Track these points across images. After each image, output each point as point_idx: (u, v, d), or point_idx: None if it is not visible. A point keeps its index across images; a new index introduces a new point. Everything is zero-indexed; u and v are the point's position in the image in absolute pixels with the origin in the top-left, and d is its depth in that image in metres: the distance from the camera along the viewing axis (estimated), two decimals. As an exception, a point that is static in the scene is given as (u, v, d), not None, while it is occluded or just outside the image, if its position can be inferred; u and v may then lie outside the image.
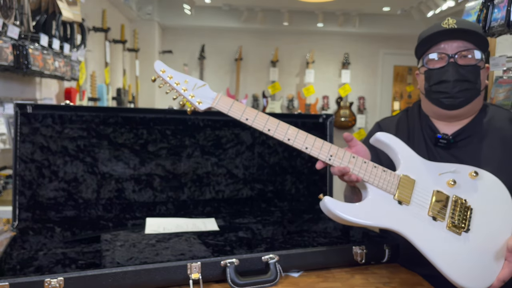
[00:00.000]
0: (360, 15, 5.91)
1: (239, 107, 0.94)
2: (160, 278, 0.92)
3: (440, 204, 0.95)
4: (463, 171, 0.99)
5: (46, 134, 1.24)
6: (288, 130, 0.95)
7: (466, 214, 0.94)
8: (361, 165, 0.95)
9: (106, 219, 1.29)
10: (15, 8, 1.84)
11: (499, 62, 1.56)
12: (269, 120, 0.94)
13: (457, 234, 0.93)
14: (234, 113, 0.94)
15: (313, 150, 0.95)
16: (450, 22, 1.07)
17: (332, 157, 0.95)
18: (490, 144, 1.07)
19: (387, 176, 0.95)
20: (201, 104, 0.94)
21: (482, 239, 0.93)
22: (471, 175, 0.98)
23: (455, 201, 0.95)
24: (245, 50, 6.02)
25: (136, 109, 1.36)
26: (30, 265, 1.01)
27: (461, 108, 1.09)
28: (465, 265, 0.91)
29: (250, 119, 0.94)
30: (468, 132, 1.10)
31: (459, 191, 0.97)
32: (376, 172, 0.95)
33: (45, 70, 2.07)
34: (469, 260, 0.91)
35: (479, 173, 0.99)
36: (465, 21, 1.09)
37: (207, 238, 1.19)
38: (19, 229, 1.16)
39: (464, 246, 0.92)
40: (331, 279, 1.02)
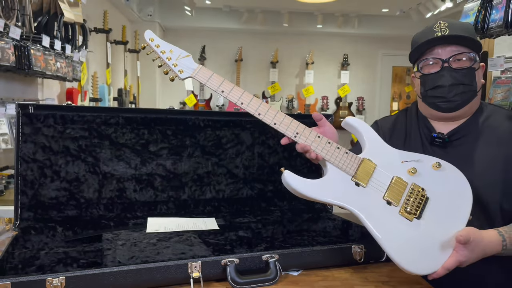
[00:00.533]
0: (359, 16, 5.93)
1: (217, 80, 1.00)
2: (161, 277, 0.93)
3: (397, 190, 0.98)
4: (426, 161, 1.02)
5: (47, 134, 1.25)
6: (260, 105, 1.01)
7: (421, 202, 0.97)
8: (324, 145, 1.00)
9: (107, 218, 1.29)
10: (17, 9, 1.85)
11: (497, 62, 1.57)
12: (244, 94, 1.00)
13: (408, 219, 0.96)
14: (212, 85, 1.00)
15: (281, 126, 1.00)
16: (441, 26, 1.07)
17: (298, 134, 1.00)
18: (485, 144, 1.07)
19: (349, 157, 0.99)
20: (182, 73, 1.01)
21: (432, 227, 0.95)
22: (434, 166, 1.01)
23: (412, 188, 0.98)
24: (245, 51, 6.03)
25: (137, 109, 1.37)
26: (32, 264, 1.02)
27: (459, 110, 1.10)
28: (411, 250, 0.93)
29: (226, 91, 1.00)
30: (463, 132, 1.11)
31: (419, 180, 1.00)
32: (338, 153, 1.00)
33: (46, 71, 2.08)
34: (416, 245, 0.94)
35: (442, 165, 1.01)
36: (456, 24, 1.08)
37: (207, 237, 1.19)
38: (21, 229, 1.17)
39: (412, 231, 0.95)
40: (330, 278, 1.03)
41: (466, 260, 0.91)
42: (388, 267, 1.11)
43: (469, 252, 0.91)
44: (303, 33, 6.21)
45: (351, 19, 5.91)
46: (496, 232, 0.94)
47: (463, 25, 1.09)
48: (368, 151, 1.03)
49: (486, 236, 0.93)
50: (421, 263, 0.92)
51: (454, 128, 1.12)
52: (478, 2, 1.55)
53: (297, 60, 6.30)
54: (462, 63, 1.06)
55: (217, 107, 5.93)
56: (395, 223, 0.96)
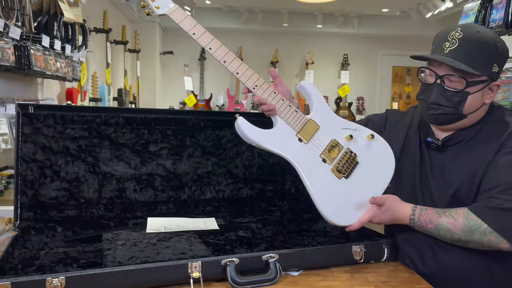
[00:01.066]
0: (359, 16, 5.93)
1: (190, 22, 1.07)
2: (161, 277, 0.93)
3: (333, 151, 1.12)
4: (363, 131, 1.16)
5: (47, 134, 1.25)
6: (227, 53, 1.09)
7: (351, 165, 1.12)
8: (278, 101, 1.10)
9: (107, 218, 1.29)
10: (17, 9, 1.85)
11: (498, 63, 1.57)
12: (213, 40, 1.09)
13: (337, 177, 1.11)
14: (185, 26, 1.07)
15: (242, 76, 1.09)
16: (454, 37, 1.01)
17: (257, 87, 1.10)
18: (474, 155, 1.05)
19: (297, 115, 1.11)
20: (158, 9, 1.07)
21: (357, 187, 1.11)
22: (368, 136, 1.15)
23: (346, 152, 1.13)
24: (245, 51, 6.03)
25: (137, 109, 1.37)
26: (32, 264, 1.02)
27: (443, 126, 1.09)
28: (335, 203, 1.09)
29: (196, 35, 1.07)
30: (458, 139, 1.09)
31: (353, 146, 1.14)
32: (289, 110, 1.11)
33: (46, 71, 2.08)
34: (340, 199, 1.09)
35: (375, 137, 1.15)
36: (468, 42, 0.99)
37: (207, 237, 1.19)
38: (20, 229, 1.17)
39: (339, 188, 1.10)
40: (330, 278, 1.03)
41: (376, 217, 1.09)
42: (388, 267, 1.11)
43: (381, 213, 1.08)
44: (303, 33, 6.21)
45: (351, 19, 5.91)
46: (411, 208, 1.07)
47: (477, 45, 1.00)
48: (315, 114, 1.14)
49: (401, 207, 1.08)
50: (341, 216, 1.09)
51: (450, 134, 1.11)
52: (478, 2, 1.55)
53: (297, 60, 6.30)
54: (455, 84, 1.02)
55: (217, 107, 5.93)
56: (326, 178, 1.10)
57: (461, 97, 1.02)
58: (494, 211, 0.96)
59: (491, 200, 0.98)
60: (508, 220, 0.95)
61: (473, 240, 0.98)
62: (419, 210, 1.06)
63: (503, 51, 1.02)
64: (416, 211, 1.06)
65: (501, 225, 0.95)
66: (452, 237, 1.01)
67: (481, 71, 1.00)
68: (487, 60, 1.00)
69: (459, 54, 1.00)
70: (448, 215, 1.02)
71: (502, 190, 0.97)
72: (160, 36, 5.54)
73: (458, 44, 1.00)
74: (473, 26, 1.05)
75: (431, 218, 1.03)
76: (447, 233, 1.01)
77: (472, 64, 0.99)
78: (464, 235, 0.99)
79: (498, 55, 1.01)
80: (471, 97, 1.02)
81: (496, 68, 1.02)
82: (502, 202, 0.96)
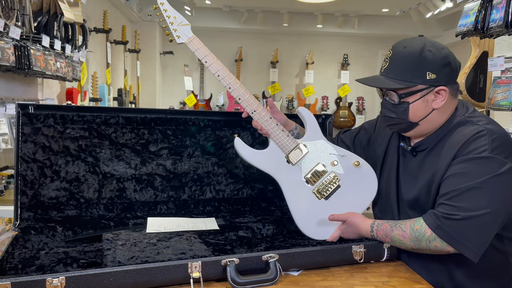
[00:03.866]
0: (359, 16, 5.93)
1: (204, 52, 1.19)
2: (161, 277, 0.93)
3: (318, 174, 1.23)
4: (350, 158, 1.26)
5: (47, 134, 1.25)
6: (233, 80, 1.20)
7: (332, 187, 1.22)
8: (273, 126, 1.22)
9: (107, 218, 1.29)
10: (17, 9, 1.85)
11: (497, 62, 1.57)
12: (222, 68, 1.20)
13: (317, 198, 1.22)
14: (199, 54, 1.19)
15: (243, 102, 1.21)
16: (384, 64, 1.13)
17: (255, 112, 1.21)
18: (434, 163, 1.10)
19: (289, 139, 1.23)
20: (179, 39, 1.20)
21: (334, 208, 1.20)
22: (354, 163, 1.25)
23: (329, 176, 1.23)
24: (245, 51, 6.03)
25: (137, 109, 1.37)
26: (32, 264, 1.02)
27: (407, 133, 1.16)
28: (312, 220, 1.20)
29: (208, 63, 1.19)
30: (425, 145, 1.14)
31: (338, 170, 1.24)
32: (281, 135, 1.22)
33: (46, 71, 2.08)
34: (316, 217, 1.20)
35: (361, 163, 1.25)
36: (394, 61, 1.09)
37: (207, 237, 1.19)
38: (21, 229, 1.17)
39: (318, 207, 1.21)
40: (330, 278, 1.03)
41: (344, 233, 1.18)
42: (389, 267, 1.11)
43: (346, 229, 1.17)
44: (303, 33, 6.21)
45: (351, 19, 5.91)
46: (369, 224, 1.14)
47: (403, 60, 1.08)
48: (307, 138, 1.26)
49: (361, 223, 1.15)
50: (317, 231, 1.20)
51: (419, 141, 1.16)
52: (478, 2, 1.55)
53: (297, 60, 6.30)
54: (393, 97, 1.11)
55: (217, 107, 5.93)
56: (306, 198, 1.21)
57: (403, 107, 1.10)
58: (440, 219, 1.01)
59: (441, 206, 1.02)
60: (451, 229, 0.99)
61: (421, 247, 1.04)
62: (376, 225, 1.13)
63: (434, 58, 1.07)
64: (373, 227, 1.13)
65: (444, 234, 1.00)
66: (406, 246, 1.08)
67: (411, 82, 1.07)
68: (415, 71, 1.07)
69: (390, 71, 1.10)
70: (398, 227, 1.08)
71: (450, 198, 1.02)
72: (160, 36, 5.54)
73: (389, 62, 1.11)
74: (403, 42, 1.12)
75: (386, 232, 1.10)
76: (401, 244, 1.08)
77: (402, 78, 1.08)
78: (413, 244, 1.05)
79: (428, 63, 1.07)
80: (412, 106, 1.09)
81: (432, 75, 1.07)
82: (449, 209, 1.00)
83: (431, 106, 1.09)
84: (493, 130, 1.04)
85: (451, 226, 0.99)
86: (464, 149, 1.04)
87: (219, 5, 5.60)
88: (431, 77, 1.07)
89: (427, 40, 1.11)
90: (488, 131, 1.03)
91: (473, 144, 1.03)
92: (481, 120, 1.08)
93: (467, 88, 2.33)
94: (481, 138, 1.03)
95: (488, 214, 0.98)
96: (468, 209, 0.98)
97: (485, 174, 0.99)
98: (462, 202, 0.99)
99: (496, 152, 1.00)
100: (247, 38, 6.08)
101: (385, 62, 1.13)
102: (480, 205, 0.98)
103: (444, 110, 1.11)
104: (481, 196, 0.98)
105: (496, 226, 1.00)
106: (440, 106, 1.09)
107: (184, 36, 1.19)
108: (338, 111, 6.10)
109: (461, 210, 0.98)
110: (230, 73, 1.20)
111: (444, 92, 1.09)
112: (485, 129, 1.04)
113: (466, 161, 1.02)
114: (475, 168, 1.00)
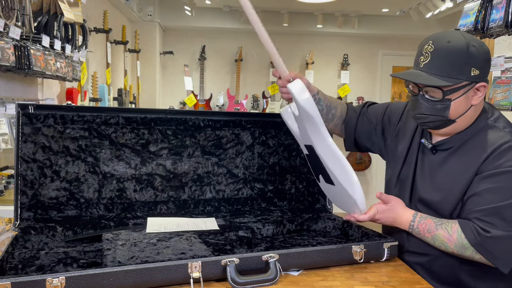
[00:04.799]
0: (359, 16, 5.92)
1: None
2: (161, 277, 0.93)
3: None
4: None
5: (47, 134, 1.25)
6: None
7: None
8: None
9: (107, 218, 1.30)
10: (17, 9, 1.85)
11: (497, 62, 1.57)
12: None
13: None
14: None
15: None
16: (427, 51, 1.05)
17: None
18: (459, 165, 1.08)
19: None
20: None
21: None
22: None
23: None
24: (245, 51, 6.03)
25: (137, 109, 1.37)
26: (32, 264, 1.02)
27: (436, 130, 1.12)
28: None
29: None
30: (449, 144, 1.12)
31: None
32: None
33: (46, 71, 2.07)
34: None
35: None
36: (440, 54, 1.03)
37: (207, 237, 1.19)
38: (20, 229, 1.17)
39: None
40: (330, 278, 1.03)
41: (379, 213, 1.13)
42: (389, 267, 1.11)
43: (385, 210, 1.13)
44: (303, 33, 6.21)
45: (351, 19, 5.91)
46: (412, 214, 1.11)
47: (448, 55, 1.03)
48: None
49: (403, 211, 1.13)
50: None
51: (443, 139, 1.14)
52: (478, 2, 1.55)
53: (297, 60, 6.30)
54: (435, 94, 1.06)
55: (217, 107, 5.93)
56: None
57: (444, 104, 1.06)
58: (482, 237, 1.01)
59: (479, 222, 1.02)
60: (492, 247, 1.00)
61: (465, 255, 1.05)
62: (419, 218, 1.11)
63: (478, 54, 1.04)
64: (416, 218, 1.11)
65: (487, 252, 1.01)
66: (447, 249, 1.07)
67: (456, 79, 1.03)
68: (461, 67, 1.03)
69: (432, 67, 1.04)
70: (444, 228, 1.07)
71: (488, 214, 1.01)
72: (160, 36, 5.54)
73: (431, 57, 1.04)
74: (444, 36, 1.06)
75: (430, 228, 1.08)
76: (442, 245, 1.08)
77: (447, 74, 1.02)
78: (457, 250, 1.05)
79: (473, 59, 1.03)
80: (454, 103, 1.06)
81: (476, 72, 1.04)
82: (489, 227, 1.00)
83: (470, 102, 1.07)
84: None
85: (492, 245, 1.00)
86: (492, 161, 1.03)
87: (219, 5, 5.60)
88: (475, 73, 1.03)
89: (467, 34, 1.07)
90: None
91: (501, 157, 1.02)
92: (507, 127, 1.08)
93: (467, 88, 2.32)
94: (510, 150, 1.02)
95: None
96: (508, 226, 0.99)
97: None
98: (501, 220, 0.99)
99: None
100: (247, 38, 6.07)
101: (424, 57, 1.05)
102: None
103: (479, 107, 1.10)
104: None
105: None
106: (478, 103, 1.08)
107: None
108: (338, 111, 6.10)
109: (501, 228, 0.99)
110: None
111: (484, 88, 1.07)
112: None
113: (497, 175, 1.02)
114: (509, 182, 1.00)
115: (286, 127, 1.31)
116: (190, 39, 5.85)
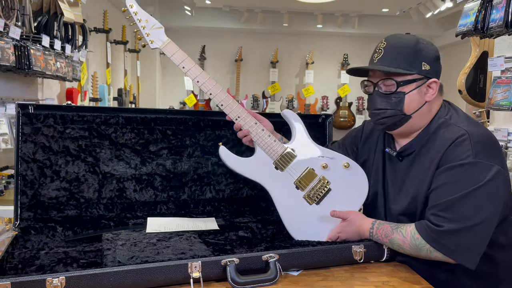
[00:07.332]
0: (359, 16, 5.93)
1: (181, 56, 1.13)
2: (161, 277, 0.93)
3: (308, 178, 1.19)
4: (339, 159, 1.23)
5: (47, 134, 1.25)
6: (214, 86, 1.16)
7: (323, 192, 1.20)
8: (258, 132, 1.19)
9: (107, 218, 1.29)
10: (17, 9, 1.85)
11: (497, 62, 1.57)
12: (202, 73, 1.16)
13: (308, 203, 1.19)
14: (175, 60, 1.14)
15: (226, 108, 1.19)
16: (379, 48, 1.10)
17: (239, 118, 1.19)
18: (421, 168, 1.09)
19: (276, 145, 1.19)
20: (152, 44, 1.13)
21: (326, 212, 1.18)
22: (344, 165, 1.22)
23: (320, 180, 1.20)
24: (245, 51, 6.03)
25: (137, 109, 1.37)
26: (32, 264, 1.02)
27: (395, 130, 1.14)
28: (305, 225, 1.18)
29: (186, 68, 1.14)
30: (411, 149, 1.13)
31: (328, 174, 1.21)
32: (268, 140, 1.19)
33: (46, 71, 2.08)
34: (309, 223, 1.18)
35: (351, 165, 1.22)
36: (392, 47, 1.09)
37: (207, 237, 1.19)
38: (20, 229, 1.17)
39: (310, 213, 1.19)
40: (330, 278, 1.03)
41: (342, 232, 1.16)
42: (388, 267, 1.11)
43: (346, 227, 1.16)
44: (303, 33, 6.21)
45: (351, 19, 5.91)
46: (371, 222, 1.13)
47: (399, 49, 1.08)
48: (294, 142, 1.22)
49: (362, 221, 1.15)
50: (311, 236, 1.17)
51: (404, 145, 1.15)
52: (478, 2, 1.55)
53: (297, 60, 6.30)
54: (389, 87, 1.09)
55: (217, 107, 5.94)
56: (297, 204, 1.19)
57: (398, 97, 1.09)
58: (436, 233, 1.00)
59: (434, 218, 1.02)
60: (447, 241, 0.99)
61: (421, 255, 1.05)
62: (377, 224, 1.12)
63: (428, 50, 1.09)
64: (374, 225, 1.12)
65: (442, 247, 1.00)
66: (404, 251, 1.08)
67: (408, 70, 1.07)
68: (412, 60, 1.08)
69: (384, 60, 1.09)
70: (399, 231, 1.08)
71: (441, 209, 1.01)
72: (160, 36, 5.54)
73: (384, 52, 1.10)
74: (397, 35, 1.14)
75: (386, 233, 1.10)
76: (399, 248, 1.08)
77: (398, 65, 1.08)
78: (412, 251, 1.05)
79: (423, 53, 1.09)
80: (408, 96, 1.09)
81: (427, 66, 1.08)
82: (442, 221, 1.00)
83: (424, 98, 1.10)
84: (474, 133, 1.03)
85: (447, 239, 0.99)
86: (447, 156, 1.03)
87: (219, 5, 5.60)
88: (426, 68, 1.08)
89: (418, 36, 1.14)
90: (469, 134, 1.02)
91: (456, 150, 1.02)
92: (461, 122, 1.08)
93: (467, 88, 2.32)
94: (463, 143, 1.02)
95: (482, 223, 0.98)
96: (461, 220, 0.98)
97: (473, 182, 0.98)
98: (454, 213, 0.99)
99: (480, 157, 0.99)
100: (247, 38, 6.08)
101: (377, 53, 1.11)
102: (472, 214, 0.98)
103: (433, 105, 1.12)
104: (472, 205, 0.98)
105: (491, 232, 1.00)
106: (431, 100, 1.10)
107: (158, 41, 1.12)
108: (338, 111, 6.11)
109: (455, 221, 0.98)
110: (210, 78, 1.16)
111: (435, 85, 1.10)
112: (466, 132, 1.03)
113: (452, 169, 1.01)
114: (462, 176, 1.00)
115: (286, 127, 1.31)
116: (190, 39, 5.85)
